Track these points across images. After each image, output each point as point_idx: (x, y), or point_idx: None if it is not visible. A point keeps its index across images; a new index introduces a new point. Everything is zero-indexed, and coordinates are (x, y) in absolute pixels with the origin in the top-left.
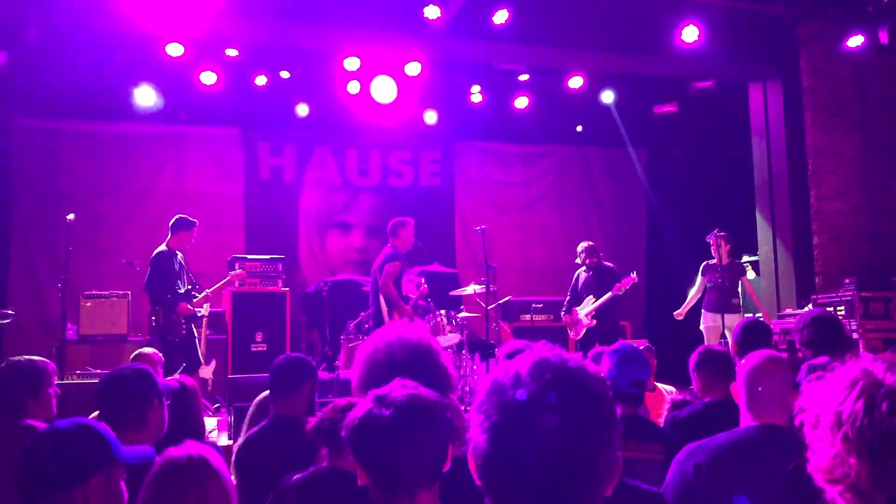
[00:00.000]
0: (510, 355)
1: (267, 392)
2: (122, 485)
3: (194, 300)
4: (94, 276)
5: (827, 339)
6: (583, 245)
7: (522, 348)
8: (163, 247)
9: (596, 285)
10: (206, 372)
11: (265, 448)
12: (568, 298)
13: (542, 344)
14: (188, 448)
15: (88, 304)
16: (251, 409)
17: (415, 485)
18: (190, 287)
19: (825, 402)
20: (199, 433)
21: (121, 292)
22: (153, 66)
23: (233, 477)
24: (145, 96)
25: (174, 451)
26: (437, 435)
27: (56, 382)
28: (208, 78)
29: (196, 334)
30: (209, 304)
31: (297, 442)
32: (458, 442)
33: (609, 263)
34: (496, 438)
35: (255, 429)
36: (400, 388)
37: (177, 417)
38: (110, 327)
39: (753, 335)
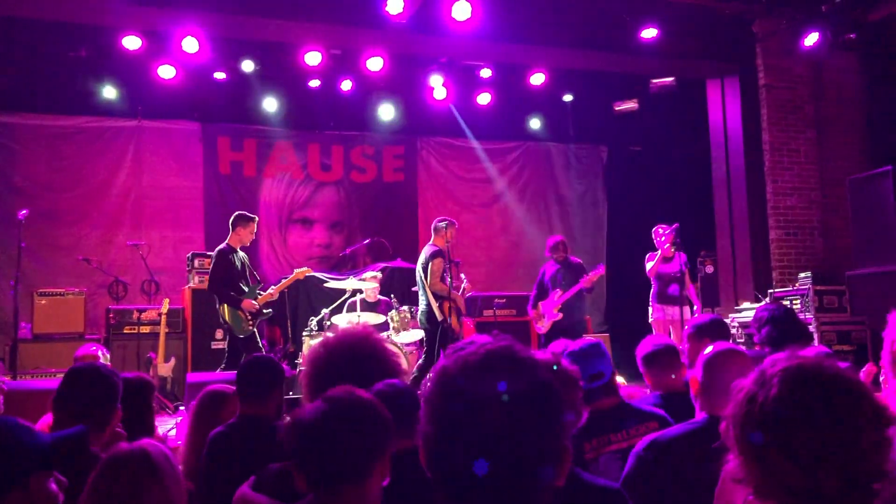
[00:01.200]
0: (458, 349)
1: (216, 386)
2: (53, 486)
3: (259, 297)
4: (49, 273)
5: (785, 334)
6: (552, 240)
7: (472, 341)
8: (223, 244)
9: (563, 279)
10: (165, 370)
11: (231, 446)
12: (534, 293)
13: (491, 335)
14: (137, 444)
15: (43, 302)
16: (202, 400)
17: (339, 482)
18: (255, 285)
19: (731, 406)
20: (150, 430)
21: (77, 290)
22: (110, 59)
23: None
24: (101, 90)
25: (123, 447)
26: (363, 435)
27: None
28: (166, 72)
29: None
30: (168, 302)
31: (265, 442)
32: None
33: (576, 259)
34: (443, 426)
35: (221, 427)
36: (334, 391)
37: (132, 413)
38: (66, 325)
39: (712, 330)
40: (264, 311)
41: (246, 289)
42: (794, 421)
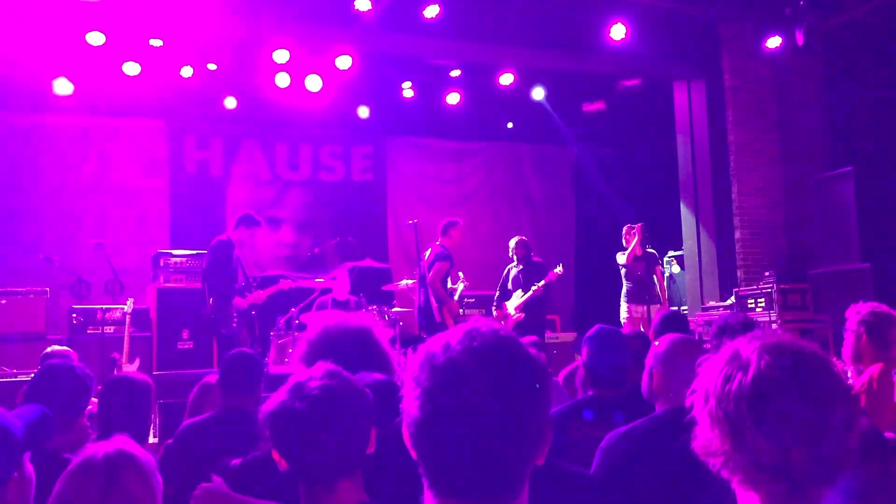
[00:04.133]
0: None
1: (208, 379)
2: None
3: (247, 296)
4: (10, 272)
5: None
6: (514, 240)
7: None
8: (223, 236)
9: (525, 280)
10: (130, 370)
11: (210, 437)
12: (497, 294)
13: (475, 317)
14: (110, 444)
15: (3, 302)
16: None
17: (333, 476)
18: (244, 283)
19: (701, 381)
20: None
21: (38, 289)
22: (73, 55)
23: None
24: (63, 86)
25: (95, 447)
26: (355, 424)
27: None
28: (131, 68)
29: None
30: (133, 301)
31: (246, 434)
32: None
33: (538, 258)
34: (426, 404)
35: (199, 417)
36: (319, 374)
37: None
38: (27, 325)
39: (671, 325)
40: (252, 312)
41: (237, 286)
42: (771, 397)
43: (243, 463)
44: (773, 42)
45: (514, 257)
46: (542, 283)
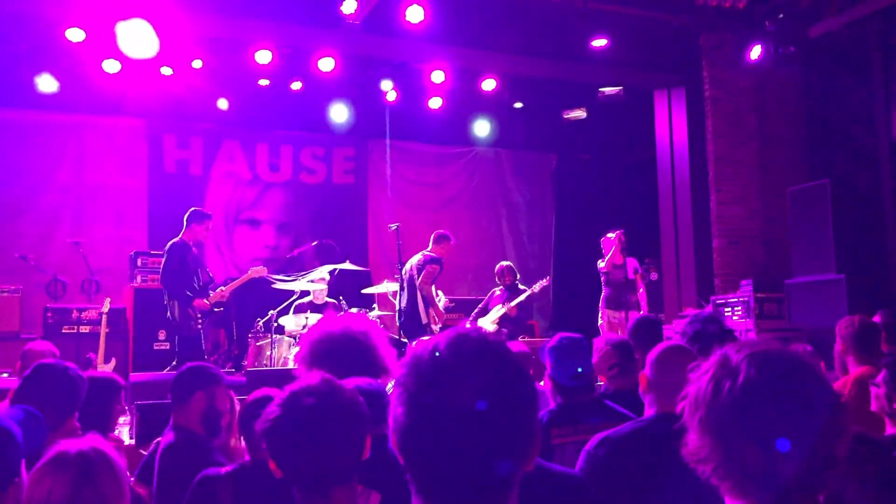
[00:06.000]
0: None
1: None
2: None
3: (210, 296)
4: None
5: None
6: (500, 265)
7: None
8: (177, 238)
9: (507, 301)
10: (105, 370)
11: (169, 458)
12: (476, 311)
13: (462, 322)
14: (82, 442)
15: None
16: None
17: (329, 483)
18: (206, 282)
19: (691, 388)
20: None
21: (13, 287)
22: (51, 51)
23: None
24: (42, 83)
25: (66, 444)
26: (349, 432)
27: None
28: (111, 66)
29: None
30: (109, 301)
31: (194, 453)
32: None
33: (523, 286)
34: (413, 408)
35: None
36: (313, 384)
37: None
38: (1, 324)
39: (645, 329)
40: (215, 309)
41: (197, 287)
42: (760, 404)
43: (234, 470)
44: (754, 53)
45: (500, 283)
46: (514, 303)
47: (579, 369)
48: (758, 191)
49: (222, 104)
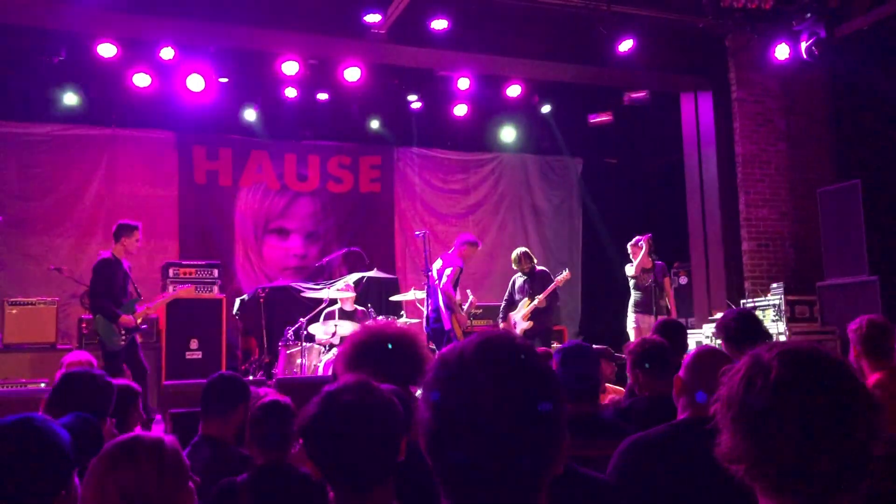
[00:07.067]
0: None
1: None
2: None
3: (135, 313)
4: (21, 282)
5: (748, 332)
6: (517, 252)
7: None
8: (106, 253)
9: (530, 290)
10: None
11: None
12: (504, 304)
13: (489, 326)
14: (138, 432)
15: (14, 312)
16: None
17: (369, 483)
18: (135, 298)
19: (724, 388)
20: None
21: (48, 299)
22: (84, 67)
23: None
24: (71, 98)
25: (138, 435)
26: (388, 432)
27: None
28: (142, 80)
29: (137, 343)
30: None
31: (221, 464)
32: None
33: (542, 268)
34: (441, 412)
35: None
36: (349, 386)
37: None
38: (37, 335)
39: (666, 332)
40: (142, 326)
41: (124, 301)
42: (793, 403)
43: (251, 476)
44: (781, 53)
45: (518, 269)
46: (543, 295)
47: (587, 372)
48: (787, 192)
49: (250, 115)
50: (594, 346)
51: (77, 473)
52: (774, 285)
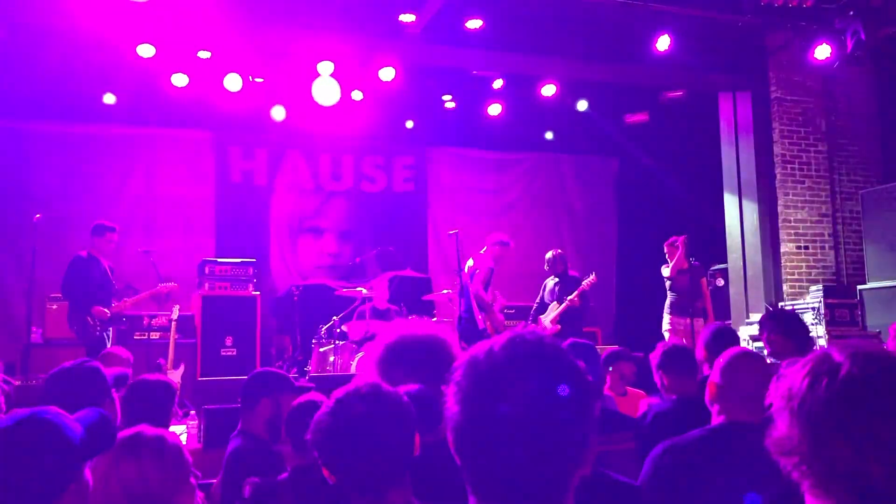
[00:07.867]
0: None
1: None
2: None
3: (112, 305)
4: (59, 278)
5: (790, 332)
6: (550, 254)
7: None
8: (83, 251)
9: (561, 293)
10: (175, 376)
11: (235, 462)
12: (535, 307)
13: (521, 324)
14: (141, 427)
15: (54, 307)
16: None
17: (383, 486)
18: (112, 292)
19: (786, 380)
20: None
21: None
22: (123, 67)
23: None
24: (110, 98)
25: (143, 430)
26: (397, 435)
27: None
28: (179, 80)
29: (109, 340)
30: (178, 308)
31: (259, 457)
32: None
33: (574, 272)
34: (469, 407)
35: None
36: (359, 390)
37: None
38: None
39: (722, 340)
40: (122, 318)
41: (101, 297)
42: (860, 403)
43: (290, 476)
44: (822, 52)
45: (551, 271)
46: (575, 294)
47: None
48: (827, 193)
49: (282, 115)
50: (615, 347)
51: (89, 468)
52: (814, 288)
